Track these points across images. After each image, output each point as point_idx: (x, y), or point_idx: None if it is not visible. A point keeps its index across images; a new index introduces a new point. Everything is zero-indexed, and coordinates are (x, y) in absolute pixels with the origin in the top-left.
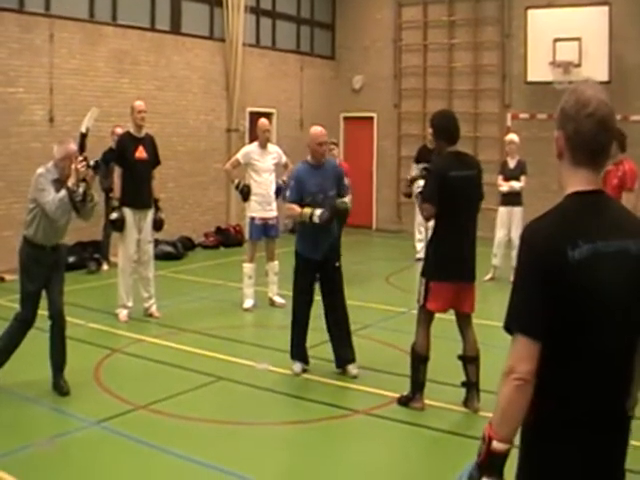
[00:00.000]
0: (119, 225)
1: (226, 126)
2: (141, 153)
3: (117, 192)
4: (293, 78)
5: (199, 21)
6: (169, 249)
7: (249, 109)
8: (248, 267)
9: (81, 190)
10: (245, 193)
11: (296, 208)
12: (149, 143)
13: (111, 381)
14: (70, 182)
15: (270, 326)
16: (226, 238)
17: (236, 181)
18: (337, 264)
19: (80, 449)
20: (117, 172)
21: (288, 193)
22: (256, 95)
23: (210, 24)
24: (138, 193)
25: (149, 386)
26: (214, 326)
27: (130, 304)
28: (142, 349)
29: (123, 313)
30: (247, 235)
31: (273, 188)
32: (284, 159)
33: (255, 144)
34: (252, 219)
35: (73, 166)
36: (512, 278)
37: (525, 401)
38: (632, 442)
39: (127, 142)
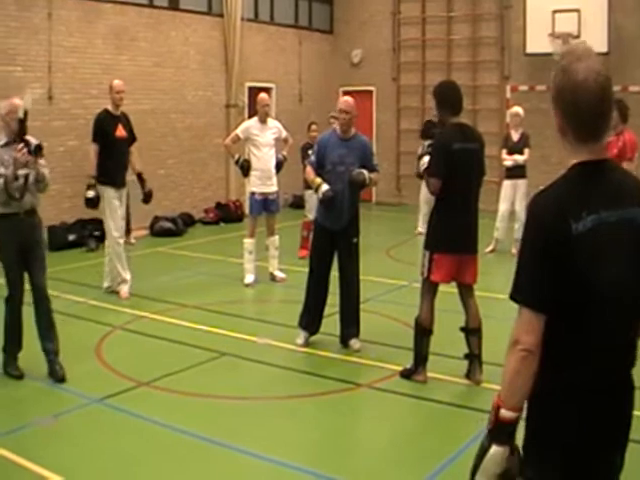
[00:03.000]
0: (95, 203)
1: (225, 101)
2: (121, 131)
3: (93, 170)
4: (292, 53)
5: None
6: (169, 225)
7: (248, 84)
8: (248, 242)
9: (21, 180)
10: (245, 168)
11: (311, 173)
12: (125, 121)
13: (113, 358)
14: (9, 170)
15: (271, 301)
16: (226, 214)
17: (236, 156)
18: (355, 240)
19: (82, 426)
20: (93, 150)
21: (312, 157)
22: (255, 70)
23: None
24: (119, 171)
25: (151, 362)
26: (215, 302)
27: (128, 277)
28: (143, 326)
29: (124, 289)
30: (247, 210)
31: (273, 163)
32: (284, 134)
33: (255, 119)
34: (252, 194)
35: (13, 154)
36: (514, 250)
37: (530, 372)
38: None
39: (107, 121)
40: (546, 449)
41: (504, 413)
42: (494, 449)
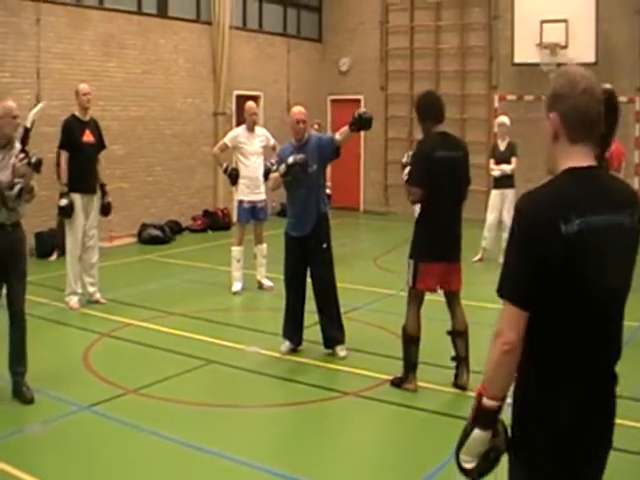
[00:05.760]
0: (68, 212)
1: (213, 109)
2: (88, 137)
3: (64, 177)
4: (280, 61)
5: (186, 4)
6: (157, 233)
7: (236, 92)
8: (236, 250)
9: (16, 189)
10: (233, 177)
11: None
12: (94, 127)
13: (101, 365)
14: (5, 176)
15: (259, 309)
16: (214, 221)
17: (224, 165)
18: (325, 245)
19: (71, 434)
20: (64, 157)
21: (274, 167)
22: (243, 78)
23: (197, 7)
24: (86, 177)
25: (139, 370)
26: (203, 309)
27: (80, 290)
28: (131, 333)
29: (74, 300)
30: (235, 218)
31: (261, 171)
32: (272, 141)
33: (243, 127)
34: (240, 202)
35: (11, 161)
36: (501, 260)
37: (511, 365)
38: (627, 422)
39: (74, 126)
40: (536, 441)
41: (486, 401)
42: (476, 432)
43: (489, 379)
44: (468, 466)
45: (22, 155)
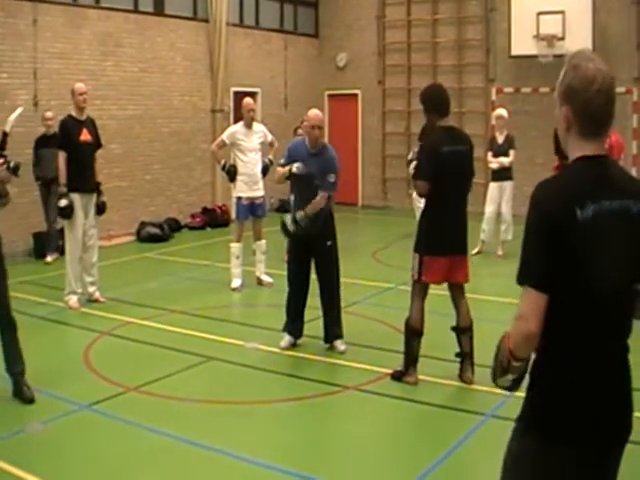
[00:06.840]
0: (69, 212)
1: (211, 106)
2: (85, 136)
3: (63, 178)
4: (277, 57)
5: (182, 2)
6: (155, 231)
7: (233, 89)
8: (235, 247)
9: None
10: (232, 173)
11: (280, 170)
12: (91, 126)
13: (101, 364)
14: None
15: (258, 305)
16: (212, 218)
17: (222, 162)
18: (329, 243)
19: (72, 432)
20: (62, 157)
21: (281, 160)
22: (240, 75)
23: (193, 4)
24: (85, 177)
25: (139, 368)
26: (202, 306)
27: (79, 290)
28: (131, 331)
29: (73, 299)
30: (234, 215)
31: (259, 167)
32: (270, 137)
33: (240, 124)
34: (239, 199)
35: None
36: (500, 252)
37: (533, 345)
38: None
39: (71, 126)
40: (550, 418)
41: (514, 363)
42: (510, 375)
43: (514, 350)
44: (506, 385)
45: (1, 160)
